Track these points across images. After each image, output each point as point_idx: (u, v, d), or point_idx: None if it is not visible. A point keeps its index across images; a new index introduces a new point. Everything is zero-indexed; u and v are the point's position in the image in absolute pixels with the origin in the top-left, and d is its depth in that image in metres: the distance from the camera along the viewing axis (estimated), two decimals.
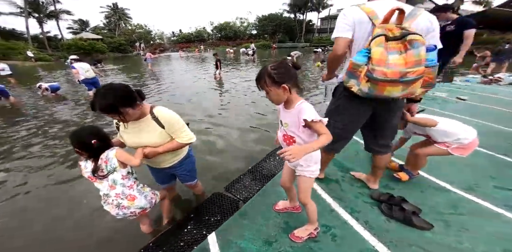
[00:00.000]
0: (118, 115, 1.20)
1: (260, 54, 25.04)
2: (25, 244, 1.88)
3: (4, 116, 5.36)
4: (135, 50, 41.11)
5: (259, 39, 46.29)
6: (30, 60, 23.39)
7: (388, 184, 2.06)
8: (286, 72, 1.05)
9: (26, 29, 32.05)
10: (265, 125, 4.19)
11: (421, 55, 1.11)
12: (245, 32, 53.89)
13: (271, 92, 1.08)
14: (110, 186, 1.38)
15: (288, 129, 1.21)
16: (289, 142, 1.23)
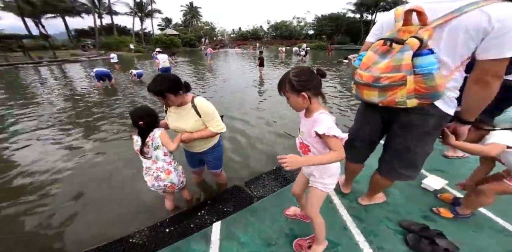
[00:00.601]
0: (163, 98, 1.43)
1: (314, 55, 24.02)
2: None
3: (106, 94, 7.11)
4: (201, 45, 45.71)
5: (315, 40, 44.53)
6: (131, 51, 29.41)
7: (429, 215, 1.74)
8: (308, 80, 0.98)
9: (132, 26, 40.48)
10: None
11: (402, 60, 0.97)
12: (301, 32, 52.86)
13: (290, 98, 1.04)
14: (153, 161, 1.61)
15: (304, 137, 1.17)
16: (304, 151, 1.19)
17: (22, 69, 14.73)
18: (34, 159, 3.15)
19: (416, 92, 1.01)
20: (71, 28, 37.82)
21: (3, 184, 2.60)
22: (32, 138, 3.90)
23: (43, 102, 6.22)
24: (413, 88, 1.00)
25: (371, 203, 1.84)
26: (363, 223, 1.66)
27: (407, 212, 1.76)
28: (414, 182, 2.05)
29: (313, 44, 37.11)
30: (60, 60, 20.65)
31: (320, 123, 1.01)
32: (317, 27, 47.44)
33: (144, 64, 16.78)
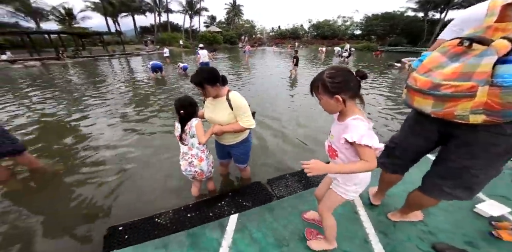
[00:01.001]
0: (202, 89, 1.54)
1: (359, 57, 21.67)
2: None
3: (157, 84, 8.24)
4: (240, 42, 46.85)
5: (361, 40, 40.90)
6: (180, 47, 32.48)
7: (475, 241, 1.48)
8: (344, 81, 0.90)
9: (183, 23, 44.32)
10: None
11: (478, 66, 0.79)
12: (346, 32, 49.24)
13: (323, 100, 0.98)
14: (189, 148, 1.75)
15: (333, 141, 1.10)
16: (332, 155, 1.13)
17: (101, 60, 18.35)
18: (96, 135, 3.83)
19: (487, 107, 0.83)
20: (137, 25, 43.33)
21: (69, 155, 3.12)
22: (98, 116, 4.72)
23: (111, 88, 7.57)
24: (484, 102, 0.82)
25: (404, 220, 1.65)
26: (388, 238, 1.51)
27: (447, 236, 1.53)
28: (464, 204, 1.76)
29: (359, 45, 34.18)
30: (128, 54, 24.28)
31: (352, 129, 0.93)
32: (365, 27, 43.73)
33: (190, 58, 18.25)
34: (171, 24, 45.51)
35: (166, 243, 1.47)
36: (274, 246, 1.46)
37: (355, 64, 14.76)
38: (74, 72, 11.86)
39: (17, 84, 8.45)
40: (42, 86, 7.92)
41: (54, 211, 2.11)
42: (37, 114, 4.92)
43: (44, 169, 2.67)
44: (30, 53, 18.48)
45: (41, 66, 14.61)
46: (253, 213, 1.78)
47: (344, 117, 0.99)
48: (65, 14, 31.33)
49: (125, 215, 1.98)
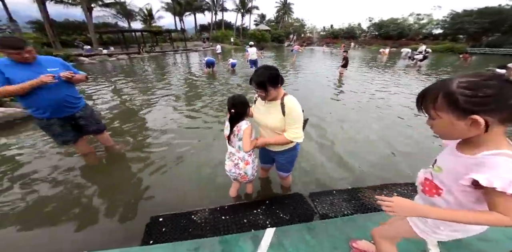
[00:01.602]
0: (264, 91, 1.38)
1: (439, 61, 17.28)
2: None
3: (208, 78, 8.85)
4: (287, 41, 45.78)
5: (442, 41, 33.99)
6: (230, 44, 34.45)
7: None
8: (497, 95, 0.58)
9: (235, 21, 46.82)
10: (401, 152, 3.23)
11: None
12: (419, 31, 41.85)
13: (440, 120, 0.68)
14: (236, 150, 1.67)
15: (439, 176, 0.80)
16: (429, 192, 0.83)
17: (167, 55, 21.67)
18: (155, 118, 4.39)
19: None
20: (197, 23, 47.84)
21: (133, 136, 3.51)
22: (161, 103, 5.40)
23: (172, 78, 8.79)
24: None
25: None
26: None
27: None
28: None
29: (438, 46, 28.46)
30: (188, 49, 27.52)
31: (494, 170, 0.62)
32: (450, 25, 35.95)
33: (238, 56, 18.89)
34: (225, 22, 48.18)
35: (198, 246, 1.42)
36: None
37: (431, 69, 11.82)
38: (149, 65, 14.04)
39: (110, 73, 10.64)
40: (126, 75, 9.82)
41: (112, 187, 2.36)
42: (117, 98, 5.92)
43: (114, 148, 3.05)
44: (121, 48, 22.95)
45: (127, 59, 17.90)
46: (292, 229, 1.59)
47: (477, 149, 0.68)
48: (147, 14, 36.80)
49: (166, 205, 2.06)
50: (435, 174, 0.81)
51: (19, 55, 1.88)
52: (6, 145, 3.27)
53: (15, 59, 1.90)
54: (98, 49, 20.00)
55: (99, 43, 22.79)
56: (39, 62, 2.04)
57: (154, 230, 1.70)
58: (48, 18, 19.32)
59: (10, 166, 2.72)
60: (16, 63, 1.92)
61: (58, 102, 2.16)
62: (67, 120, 2.32)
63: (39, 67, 2.02)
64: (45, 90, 2.01)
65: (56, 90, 2.10)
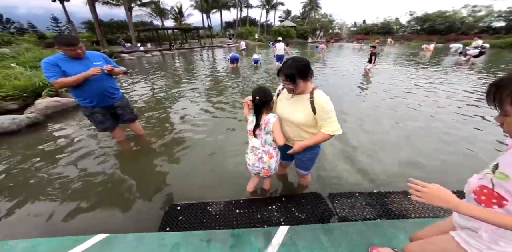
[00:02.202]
0: (292, 83, 1.32)
1: (499, 57, 14.30)
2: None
3: (232, 73, 9.04)
4: (314, 37, 44.16)
5: (505, 34, 29.27)
6: (254, 41, 34.80)
7: None
8: None
9: (259, 18, 46.89)
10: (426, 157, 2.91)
11: None
12: (474, 25, 36.80)
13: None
14: (261, 144, 1.64)
15: (502, 183, 0.67)
16: (487, 202, 0.69)
17: (195, 51, 22.91)
18: (181, 110, 4.60)
19: None
20: (223, 20, 48.64)
21: (162, 127, 3.71)
22: (187, 96, 5.69)
23: (198, 73, 9.27)
24: None
25: None
26: None
27: None
28: None
29: (499, 41, 24.70)
30: (214, 46, 28.52)
31: None
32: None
33: (262, 52, 18.84)
34: (249, 18, 48.40)
35: (211, 238, 1.43)
36: None
37: (487, 67, 9.73)
38: (178, 60, 15.06)
39: (145, 68, 11.68)
40: (158, 70, 10.62)
41: (138, 174, 2.51)
42: (149, 91, 6.41)
43: (144, 137, 3.26)
44: (155, 45, 24.48)
45: (160, 55, 19.37)
46: (307, 229, 1.52)
47: None
48: (178, 12, 38.41)
49: (185, 194, 2.13)
50: (498, 181, 0.67)
51: (73, 51, 2.12)
52: (58, 130, 3.75)
53: (69, 54, 2.15)
54: (136, 46, 21.61)
55: (137, 40, 24.59)
56: (87, 56, 2.28)
57: (171, 218, 1.77)
58: (97, 19, 21.35)
59: (57, 146, 3.14)
60: (69, 58, 2.17)
61: (101, 92, 2.41)
62: (107, 109, 2.59)
63: (87, 61, 2.26)
64: (91, 81, 2.26)
65: (100, 82, 2.34)
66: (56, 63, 2.09)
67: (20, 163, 2.73)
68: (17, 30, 37.69)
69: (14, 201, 2.09)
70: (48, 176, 2.46)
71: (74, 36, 2.23)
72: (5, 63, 6.88)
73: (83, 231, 1.67)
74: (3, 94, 4.54)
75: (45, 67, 2.06)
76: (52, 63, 2.08)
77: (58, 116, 4.41)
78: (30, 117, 3.90)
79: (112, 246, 1.41)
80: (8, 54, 8.80)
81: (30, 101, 4.78)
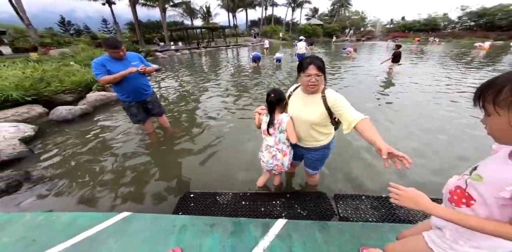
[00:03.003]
0: (323, 73, 1.36)
1: None
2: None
3: (254, 72, 9.40)
4: (343, 36, 41.90)
5: None
6: (279, 39, 34.97)
7: None
8: None
9: (285, 16, 46.87)
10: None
11: None
12: None
13: (497, 118, 0.59)
14: (275, 142, 1.74)
15: (476, 185, 0.70)
16: (457, 201, 0.74)
17: (221, 50, 24.08)
18: (205, 106, 5.05)
19: None
20: (248, 19, 49.16)
21: (186, 120, 4.02)
22: (211, 94, 6.10)
23: (223, 71, 9.99)
24: None
25: None
26: None
27: None
28: None
29: None
30: (238, 45, 29.27)
31: None
32: None
33: (286, 51, 18.69)
34: (274, 17, 48.08)
35: (214, 223, 1.60)
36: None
37: None
38: (205, 59, 16.09)
39: (176, 65, 13.00)
40: (186, 68, 11.64)
41: (162, 162, 2.86)
42: (178, 86, 7.03)
43: (170, 129, 3.59)
44: (185, 44, 26.30)
45: (189, 54, 20.70)
46: (303, 224, 1.61)
47: None
48: (206, 12, 39.71)
49: (200, 182, 2.39)
50: (472, 182, 0.70)
51: (116, 53, 2.47)
52: (103, 120, 4.39)
53: (113, 56, 2.49)
54: (169, 45, 23.11)
55: (170, 39, 26.19)
56: (127, 57, 2.62)
57: (184, 204, 1.99)
58: (137, 20, 23.23)
59: (101, 134, 3.72)
60: (113, 58, 2.52)
61: (136, 88, 2.76)
62: (141, 103, 2.95)
63: (127, 61, 2.60)
64: (128, 79, 2.59)
65: (135, 80, 2.68)
66: (103, 63, 2.45)
67: (74, 146, 3.29)
68: (75, 32, 42.98)
69: (65, 179, 2.53)
70: (93, 158, 2.94)
71: (118, 40, 2.56)
72: (66, 61, 8.06)
73: (112, 208, 2.00)
74: (64, 88, 5.37)
75: (94, 66, 2.43)
76: (100, 63, 2.44)
77: (103, 108, 5.16)
78: (82, 108, 4.64)
79: (133, 223, 1.66)
80: (67, 54, 10.33)
81: (83, 94, 5.63)
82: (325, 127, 1.56)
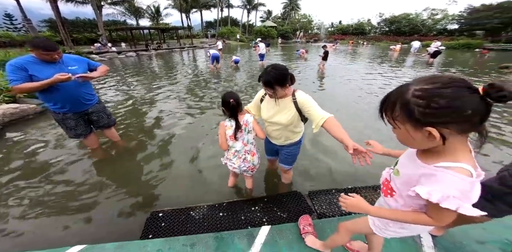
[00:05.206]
0: (271, 90, 1.42)
1: (453, 57, 15.94)
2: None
3: (213, 76, 8.72)
4: (295, 38, 45.46)
5: (457, 36, 32.83)
6: (236, 41, 35.19)
7: None
8: (453, 107, 0.53)
9: (241, 18, 47.69)
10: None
11: None
12: (433, 27, 40.83)
13: (400, 130, 0.65)
14: (244, 144, 1.73)
15: (395, 178, 0.81)
16: (385, 192, 0.87)
17: (174, 52, 22.25)
18: (159, 114, 4.49)
19: None
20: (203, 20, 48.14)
21: (139, 132, 3.59)
22: (164, 99, 5.61)
23: (178, 75, 9.04)
24: None
25: None
26: None
27: None
28: None
29: (453, 42, 27.64)
30: (194, 46, 27.85)
31: (437, 184, 0.62)
32: (467, 20, 34.54)
33: (244, 52, 19.11)
34: (231, 18, 48.65)
35: (194, 242, 1.45)
36: None
37: (442, 66, 11.26)
38: (156, 62, 14.45)
39: (119, 70, 10.91)
40: (133, 72, 10.11)
41: (115, 182, 2.43)
42: (124, 95, 6.09)
43: (120, 143, 3.12)
44: (130, 45, 23.41)
45: (136, 56, 18.42)
46: (288, 228, 1.60)
47: (433, 159, 0.65)
48: (154, 12, 37.17)
49: (167, 200, 2.13)
50: (393, 176, 0.83)
51: (49, 56, 2.00)
52: (19, 139, 3.42)
53: (42, 58, 2.01)
54: (107, 47, 20.46)
55: (109, 40, 23.30)
56: (63, 60, 2.16)
57: (153, 225, 1.75)
58: (60, 17, 19.87)
59: (24, 158, 2.88)
60: (40, 60, 2.02)
61: (75, 98, 2.30)
62: (81, 115, 2.48)
63: (62, 65, 2.13)
64: (63, 87, 2.13)
65: (74, 88, 2.23)
66: (23, 66, 1.94)
67: None
68: None
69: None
70: (15, 189, 2.30)
71: (52, 41, 2.08)
72: None
73: (59, 244, 1.60)
74: None
75: (11, 70, 1.91)
76: (19, 66, 1.93)
77: (19, 124, 4.05)
78: None
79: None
80: None
81: None
82: (297, 127, 1.65)
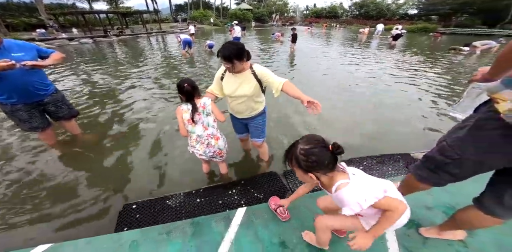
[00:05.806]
0: (229, 63, 1.50)
1: (411, 40, 17.48)
2: None
3: (186, 61, 8.52)
4: (271, 21, 44.55)
5: (416, 21, 34.81)
6: (210, 25, 33.03)
7: None
8: (318, 161, 0.86)
9: (214, 1, 43.76)
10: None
11: None
12: (396, 12, 42.74)
13: (297, 173, 0.97)
14: (204, 127, 1.70)
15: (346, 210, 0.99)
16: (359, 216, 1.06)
17: (140, 38, 20.35)
18: (126, 104, 4.20)
19: None
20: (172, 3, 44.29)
21: (103, 124, 3.34)
22: (131, 88, 5.25)
23: (146, 62, 8.45)
24: None
25: (439, 237, 1.38)
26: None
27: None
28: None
29: (413, 26, 29.33)
30: (163, 31, 25.65)
31: (345, 203, 0.88)
32: (424, 6, 36.66)
33: (219, 36, 18.23)
34: (203, 1, 45.39)
35: (170, 229, 1.46)
36: (279, 247, 1.35)
37: (405, 47, 12.39)
38: (119, 49, 13.07)
39: (74, 58, 9.67)
40: (92, 60, 9.05)
41: (81, 176, 2.29)
42: (84, 85, 5.53)
43: (81, 136, 2.91)
44: (83, 31, 20.66)
45: (93, 43, 16.40)
46: (263, 208, 1.67)
47: (329, 187, 0.96)
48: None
49: (140, 191, 2.07)
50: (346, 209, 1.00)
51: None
52: None
53: None
54: (59, 32, 18.05)
55: (58, 26, 20.43)
56: (4, 46, 1.89)
57: (127, 218, 1.71)
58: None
59: None
60: None
61: (23, 87, 2.06)
62: (34, 106, 2.25)
63: (3, 51, 1.87)
64: (9, 75, 1.88)
65: (21, 76, 1.98)
66: None
67: None
68: None
69: None
70: None
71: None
72: None
73: (24, 244, 1.50)
74: None
75: None
76: None
77: None
78: None
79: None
80: None
81: None
82: (259, 97, 1.78)
